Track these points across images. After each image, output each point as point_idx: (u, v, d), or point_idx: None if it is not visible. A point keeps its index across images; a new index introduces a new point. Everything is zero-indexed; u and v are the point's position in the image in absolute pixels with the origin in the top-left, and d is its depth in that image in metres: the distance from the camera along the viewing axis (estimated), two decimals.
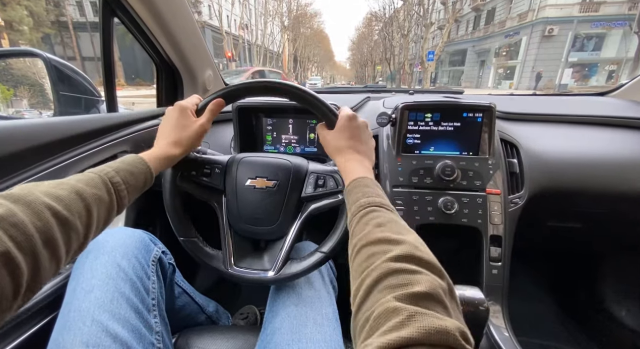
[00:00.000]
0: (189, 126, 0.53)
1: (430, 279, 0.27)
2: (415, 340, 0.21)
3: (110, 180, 0.39)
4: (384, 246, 0.32)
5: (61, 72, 0.86)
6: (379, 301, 0.26)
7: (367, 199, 0.40)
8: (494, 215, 0.72)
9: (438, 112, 0.75)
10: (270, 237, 0.62)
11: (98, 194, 0.37)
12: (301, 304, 0.54)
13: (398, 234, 0.33)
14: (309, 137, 0.90)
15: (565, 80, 14.50)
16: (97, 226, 0.37)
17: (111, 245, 0.53)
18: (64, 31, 15.89)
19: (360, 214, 0.38)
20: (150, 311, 0.51)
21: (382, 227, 0.35)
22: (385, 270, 0.29)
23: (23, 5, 13.07)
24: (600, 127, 0.88)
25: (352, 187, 0.44)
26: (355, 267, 0.33)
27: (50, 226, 0.30)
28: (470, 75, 21.92)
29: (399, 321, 0.23)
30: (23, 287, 0.27)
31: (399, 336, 0.21)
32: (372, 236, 0.34)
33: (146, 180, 0.45)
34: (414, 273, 0.28)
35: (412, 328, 0.22)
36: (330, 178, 0.59)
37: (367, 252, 0.32)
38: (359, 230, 0.36)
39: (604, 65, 15.14)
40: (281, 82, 0.55)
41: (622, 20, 13.89)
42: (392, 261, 0.29)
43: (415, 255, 0.30)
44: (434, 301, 0.25)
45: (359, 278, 0.31)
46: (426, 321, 0.22)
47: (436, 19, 22.32)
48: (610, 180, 0.78)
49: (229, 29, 19.78)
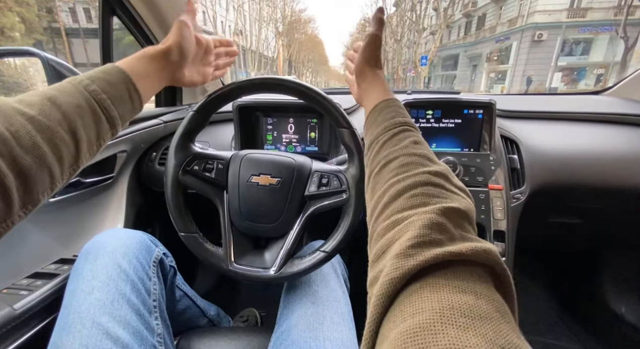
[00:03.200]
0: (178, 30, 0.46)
1: (466, 201, 0.27)
2: (462, 255, 0.21)
3: (86, 88, 0.35)
4: (424, 160, 0.31)
5: (59, 72, 0.85)
6: (417, 208, 0.25)
7: (404, 119, 0.38)
8: (496, 210, 0.72)
9: (439, 109, 0.75)
10: (272, 235, 0.61)
11: (74, 102, 0.33)
12: (318, 302, 0.53)
13: (434, 156, 0.33)
14: (310, 136, 0.90)
15: (555, 84, 14.80)
16: (89, 140, 0.34)
17: (111, 246, 0.51)
18: (56, 37, 15.79)
19: (395, 130, 0.36)
20: (152, 313, 0.50)
21: (419, 144, 0.34)
22: (424, 179, 0.28)
23: (15, 12, 12.98)
24: (597, 124, 0.90)
25: (385, 106, 0.41)
26: (384, 173, 0.31)
27: (27, 130, 0.28)
28: (463, 80, 22.23)
29: (442, 238, 0.22)
30: (15, 197, 0.26)
31: (445, 250, 0.21)
32: (411, 150, 0.32)
33: (130, 91, 0.39)
34: (452, 192, 0.27)
35: (459, 246, 0.21)
36: (334, 177, 0.58)
37: (402, 161, 0.31)
38: (394, 143, 0.34)
39: (592, 69, 15.49)
40: (298, 82, 0.55)
41: (608, 25, 14.27)
42: (432, 174, 0.28)
43: (452, 178, 0.29)
44: (468, 222, 0.25)
45: (386, 183, 0.30)
46: (471, 242, 0.22)
47: (428, 24, 22.69)
48: (607, 175, 0.79)
49: (224, 35, 19.85)
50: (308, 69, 48.92)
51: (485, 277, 0.20)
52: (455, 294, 0.18)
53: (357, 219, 0.55)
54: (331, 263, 0.63)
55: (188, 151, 0.59)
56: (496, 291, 0.20)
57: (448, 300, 0.18)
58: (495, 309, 0.18)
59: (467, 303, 0.17)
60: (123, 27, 0.81)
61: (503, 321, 0.17)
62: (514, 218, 0.74)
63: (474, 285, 0.19)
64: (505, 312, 0.18)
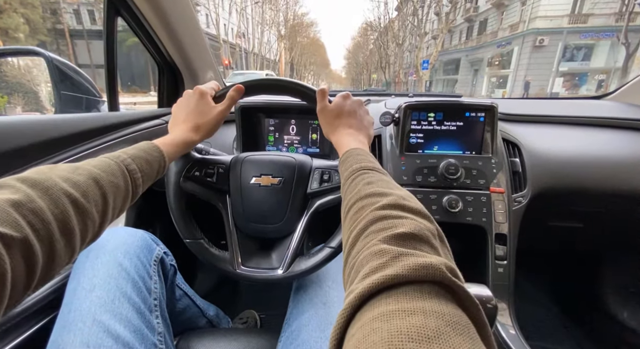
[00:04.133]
0: (208, 112, 0.52)
1: (416, 222, 0.27)
2: (401, 276, 0.20)
3: (127, 167, 0.38)
4: (373, 198, 0.32)
5: (63, 71, 0.86)
6: (365, 246, 0.26)
7: (359, 165, 0.40)
8: (498, 213, 0.72)
9: (441, 111, 0.75)
10: (278, 235, 0.61)
11: (114, 182, 0.35)
12: (329, 303, 0.53)
13: (387, 188, 0.33)
14: (312, 137, 0.90)
15: (556, 89, 14.81)
16: (113, 215, 0.36)
17: (112, 244, 0.52)
18: (60, 39, 15.91)
19: (351, 178, 0.38)
20: (153, 312, 0.50)
21: (371, 184, 0.35)
22: (371, 218, 0.28)
23: (20, 13, 13.09)
24: (598, 128, 0.90)
25: (345, 157, 0.44)
26: (347, 225, 0.33)
27: (68, 214, 0.29)
28: (464, 84, 22.28)
29: (382, 262, 0.22)
30: (37, 276, 0.26)
31: (383, 274, 0.20)
32: (362, 193, 0.33)
33: (159, 168, 0.44)
34: (400, 218, 0.27)
35: (397, 267, 0.21)
36: (336, 173, 0.58)
37: (357, 207, 0.32)
38: (350, 191, 0.36)
39: (594, 74, 15.50)
40: (296, 82, 0.55)
41: (609, 31, 14.31)
42: (379, 209, 0.29)
43: (401, 203, 0.30)
44: (420, 241, 0.25)
45: (347, 233, 0.31)
46: (410, 260, 0.21)
47: (430, 29, 22.80)
48: (609, 179, 0.79)
49: (227, 38, 19.97)
50: (310, 72, 49.11)
51: (437, 291, 0.20)
52: (404, 319, 0.18)
53: None
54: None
55: (188, 157, 0.59)
56: (450, 302, 0.19)
57: (396, 327, 0.17)
58: (446, 323, 0.17)
59: (414, 325, 0.17)
60: (126, 29, 0.82)
61: (455, 334, 0.17)
62: (516, 221, 0.74)
63: (423, 303, 0.19)
64: (458, 323, 0.18)
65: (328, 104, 0.53)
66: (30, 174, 0.29)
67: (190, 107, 0.52)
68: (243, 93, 0.55)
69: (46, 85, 1.09)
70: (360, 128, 0.52)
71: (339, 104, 0.52)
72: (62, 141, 0.58)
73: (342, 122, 0.51)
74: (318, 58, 50.67)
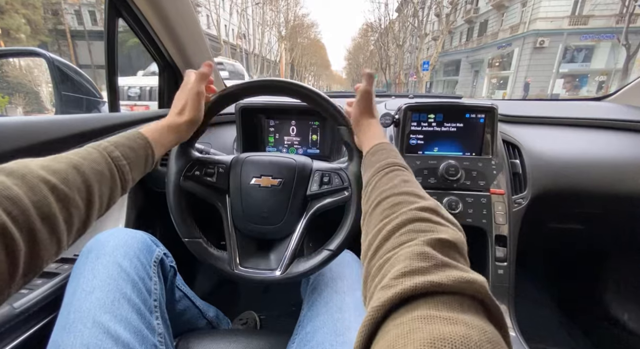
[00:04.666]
0: (188, 92, 0.51)
1: (456, 232, 0.27)
2: (445, 286, 0.20)
3: (110, 154, 0.37)
4: (412, 197, 0.32)
5: (64, 72, 0.86)
6: (404, 244, 0.26)
7: (394, 160, 0.40)
8: (498, 215, 0.72)
9: (441, 113, 0.75)
10: (276, 236, 0.61)
11: (97, 169, 0.35)
12: (345, 309, 0.53)
13: (423, 193, 0.34)
14: (312, 138, 0.90)
15: (557, 91, 14.81)
16: (101, 204, 0.35)
17: (112, 245, 0.51)
18: (61, 39, 15.94)
19: (386, 170, 0.39)
20: (153, 313, 0.50)
21: (409, 183, 0.35)
22: (412, 216, 0.29)
23: (21, 14, 13.13)
24: (599, 130, 0.90)
25: (378, 148, 0.45)
26: (376, 215, 0.33)
27: (48, 201, 0.28)
28: (465, 85, 22.28)
29: (425, 266, 0.22)
30: (20, 265, 0.26)
31: (427, 280, 0.21)
32: (400, 189, 0.34)
33: (147, 155, 0.43)
34: (440, 224, 0.28)
35: (441, 276, 0.21)
36: (336, 176, 0.58)
37: (392, 201, 0.32)
38: (384, 183, 0.36)
39: (594, 76, 15.50)
40: (297, 83, 0.55)
41: (610, 33, 14.32)
42: (419, 210, 0.29)
43: (440, 211, 0.30)
44: (458, 253, 0.25)
45: (379, 224, 0.31)
46: (455, 272, 0.22)
47: (430, 30, 22.82)
48: (609, 180, 0.79)
49: (227, 38, 20.01)
50: (310, 72, 49.18)
51: (475, 307, 0.20)
52: (446, 326, 0.18)
53: (360, 216, 0.55)
54: (359, 273, 0.63)
55: (188, 156, 0.59)
56: (489, 320, 0.20)
57: (439, 331, 0.17)
58: (488, 340, 0.17)
59: (458, 333, 0.17)
60: (127, 30, 0.82)
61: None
62: (516, 223, 0.74)
63: (464, 316, 0.19)
64: (497, 343, 0.18)
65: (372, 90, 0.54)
66: (7, 164, 0.29)
67: (179, 90, 0.53)
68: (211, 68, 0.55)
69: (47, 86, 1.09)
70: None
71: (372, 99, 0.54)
72: (63, 141, 0.58)
73: (375, 115, 0.54)
74: (319, 59, 50.74)
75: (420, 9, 17.90)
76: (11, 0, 12.61)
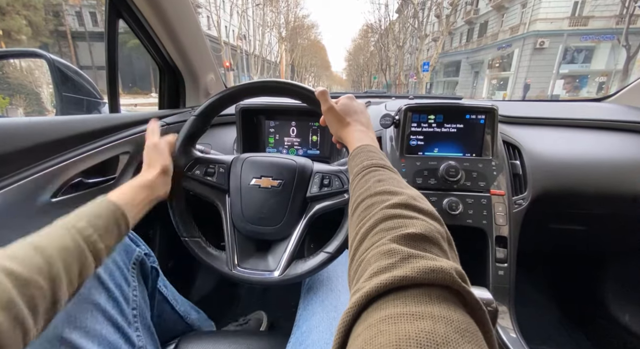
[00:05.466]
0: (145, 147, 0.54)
1: (426, 223, 0.27)
2: (410, 279, 0.20)
3: (74, 226, 0.35)
4: (383, 196, 0.31)
5: (65, 73, 0.86)
6: (374, 245, 0.25)
7: (370, 162, 0.39)
8: (498, 216, 0.71)
9: (441, 114, 0.75)
10: (275, 237, 0.61)
11: (61, 245, 0.32)
12: (340, 307, 0.53)
13: (398, 187, 0.33)
14: (312, 139, 0.90)
15: (557, 91, 14.81)
16: (70, 280, 0.32)
17: None
18: (62, 41, 15.98)
19: (362, 174, 0.38)
20: (131, 324, 0.47)
21: (382, 182, 0.34)
22: (381, 216, 0.28)
23: (22, 15, 13.16)
24: (599, 131, 0.90)
25: (357, 152, 0.44)
26: (354, 220, 0.32)
27: (3, 287, 0.26)
28: (465, 86, 22.28)
29: (391, 262, 0.22)
30: None
31: (391, 275, 0.20)
32: (372, 190, 0.33)
33: (117, 220, 0.40)
34: (410, 218, 0.27)
35: (406, 268, 0.21)
36: (336, 178, 0.58)
37: (366, 204, 0.32)
38: (360, 187, 0.36)
39: (594, 76, 15.50)
40: (298, 84, 0.56)
41: (610, 34, 14.32)
42: (389, 208, 0.29)
43: (412, 203, 0.29)
44: (430, 243, 0.25)
45: (355, 228, 0.30)
46: (421, 262, 0.21)
47: (430, 31, 22.83)
48: (610, 182, 0.79)
49: (227, 39, 20.02)
50: (311, 73, 49.23)
51: (444, 296, 0.20)
52: (412, 322, 0.17)
53: None
54: None
55: (189, 155, 0.59)
56: (459, 308, 0.19)
57: (405, 331, 0.17)
58: (455, 329, 0.17)
59: (423, 329, 0.17)
60: (128, 31, 0.82)
61: (464, 341, 0.17)
62: (516, 224, 0.73)
63: (432, 308, 0.18)
64: (466, 330, 0.17)
65: (334, 104, 0.53)
66: None
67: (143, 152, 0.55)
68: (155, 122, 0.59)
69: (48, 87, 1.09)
70: (368, 127, 0.52)
71: (347, 103, 0.53)
72: (64, 142, 0.58)
73: (354, 118, 0.52)
74: (319, 60, 50.79)
75: (420, 10, 17.93)
76: (12, 1, 12.64)
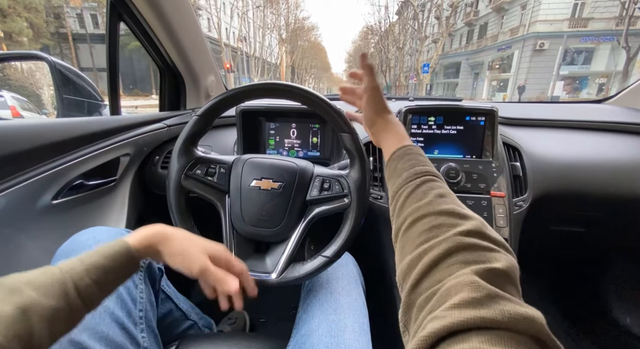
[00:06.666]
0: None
1: (508, 258, 0.25)
2: (499, 323, 0.19)
3: (76, 284, 0.31)
4: (451, 218, 0.29)
5: (66, 75, 0.87)
6: (453, 274, 0.24)
7: (424, 168, 0.37)
8: (498, 218, 0.71)
9: (441, 115, 0.75)
10: (273, 239, 0.61)
11: (52, 306, 0.29)
12: (339, 310, 0.52)
13: (463, 208, 0.31)
14: (312, 141, 0.90)
15: (557, 93, 14.83)
16: (51, 340, 0.30)
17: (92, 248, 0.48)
18: (63, 43, 16.04)
19: (417, 182, 0.35)
20: (137, 325, 0.47)
21: (445, 198, 0.32)
22: (456, 244, 0.26)
23: (23, 17, 13.22)
24: (599, 132, 0.90)
25: (405, 152, 0.40)
26: (412, 236, 0.30)
27: None
28: (465, 87, 22.31)
29: (476, 297, 0.21)
30: None
31: (478, 315, 0.19)
32: (436, 207, 0.31)
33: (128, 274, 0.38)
34: (491, 250, 0.26)
35: (495, 310, 0.20)
36: (336, 182, 0.58)
37: (430, 222, 0.30)
38: (416, 198, 0.33)
39: (594, 78, 15.51)
40: (300, 87, 0.55)
41: (610, 35, 14.34)
42: (463, 235, 0.27)
43: (486, 233, 0.28)
44: (511, 283, 0.23)
45: (417, 248, 0.28)
46: (509, 306, 0.20)
47: (430, 32, 22.91)
48: (610, 183, 0.79)
49: (228, 41, 20.09)
50: (311, 75, 49.32)
51: (531, 346, 0.19)
52: None
53: (358, 224, 0.55)
54: (354, 273, 0.63)
55: (191, 155, 0.59)
56: None
57: None
58: None
59: None
60: (129, 33, 0.82)
61: None
62: (517, 226, 0.73)
63: None
64: None
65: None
66: None
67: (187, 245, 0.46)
68: None
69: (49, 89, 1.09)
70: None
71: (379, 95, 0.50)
72: (65, 144, 0.59)
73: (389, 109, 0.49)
74: (319, 62, 50.91)
75: (420, 12, 17.99)
76: (14, 3, 12.70)
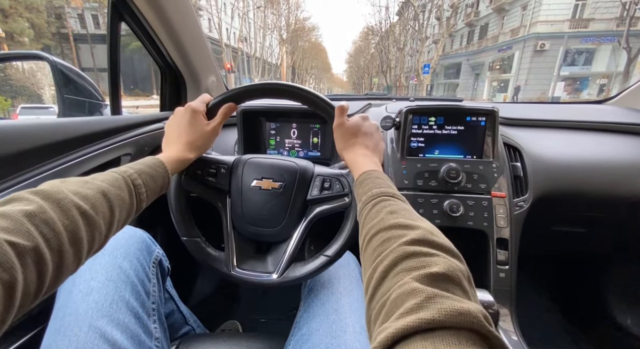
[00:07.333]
0: (201, 129, 0.53)
1: (448, 261, 0.26)
2: (437, 322, 0.20)
3: (133, 182, 0.39)
4: (399, 230, 0.31)
5: (67, 75, 0.87)
6: (397, 284, 0.25)
7: (379, 189, 0.39)
8: (499, 218, 0.71)
9: (442, 116, 0.75)
10: (274, 239, 0.61)
11: (121, 196, 0.37)
12: (341, 310, 0.52)
13: (412, 220, 0.33)
14: (312, 141, 0.90)
15: (558, 93, 14.83)
16: (117, 227, 0.37)
17: (112, 245, 0.51)
18: (64, 43, 16.08)
19: (372, 203, 0.38)
20: (150, 316, 0.49)
21: (395, 213, 0.34)
22: (400, 253, 0.28)
23: (25, 18, 13.26)
24: (600, 133, 0.90)
25: (363, 179, 0.43)
26: (369, 254, 0.32)
27: (78, 225, 0.30)
28: (465, 88, 22.31)
29: (417, 302, 0.22)
30: (46, 285, 0.27)
31: (418, 317, 0.20)
32: (386, 223, 0.33)
33: (164, 184, 0.45)
34: (431, 256, 0.27)
35: (433, 310, 0.20)
36: (337, 181, 0.58)
37: (381, 238, 0.32)
38: (371, 218, 0.36)
39: (595, 79, 15.51)
40: (299, 86, 0.55)
41: (610, 36, 14.34)
42: (408, 244, 0.29)
43: (431, 239, 0.29)
44: (453, 283, 0.24)
45: (372, 264, 0.30)
46: (447, 303, 0.21)
47: (431, 33, 22.93)
48: (611, 184, 0.79)
49: (228, 42, 20.12)
50: (311, 75, 49.37)
51: (473, 340, 0.19)
52: None
53: None
54: (355, 273, 0.63)
55: None
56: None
57: None
58: None
59: None
60: (130, 33, 0.83)
61: None
62: (517, 226, 0.73)
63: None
64: None
65: (346, 121, 0.53)
66: (43, 186, 0.30)
67: (182, 125, 0.53)
68: (235, 109, 0.56)
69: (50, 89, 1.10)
70: (374, 151, 0.52)
71: (358, 123, 0.53)
72: (65, 144, 0.59)
73: (359, 141, 0.52)
74: (319, 62, 50.97)
75: (420, 13, 18.00)
76: (15, 4, 12.73)
